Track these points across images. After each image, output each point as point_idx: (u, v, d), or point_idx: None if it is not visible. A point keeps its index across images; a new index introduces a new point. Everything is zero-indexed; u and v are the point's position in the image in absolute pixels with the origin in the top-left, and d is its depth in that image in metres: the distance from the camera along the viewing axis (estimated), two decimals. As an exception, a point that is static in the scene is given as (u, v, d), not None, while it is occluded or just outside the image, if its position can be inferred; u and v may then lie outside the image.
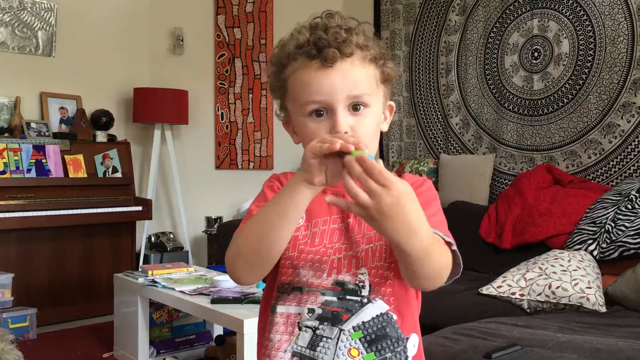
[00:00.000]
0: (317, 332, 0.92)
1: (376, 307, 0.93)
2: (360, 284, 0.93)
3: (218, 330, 3.16)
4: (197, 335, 3.16)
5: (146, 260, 4.34)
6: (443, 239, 0.90)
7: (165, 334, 3.10)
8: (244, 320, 2.16)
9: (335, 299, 0.93)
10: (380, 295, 0.93)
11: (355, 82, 0.91)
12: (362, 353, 0.92)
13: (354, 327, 0.92)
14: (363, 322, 0.92)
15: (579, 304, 2.39)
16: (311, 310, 0.93)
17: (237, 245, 0.91)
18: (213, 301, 2.44)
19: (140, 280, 2.91)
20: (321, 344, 0.92)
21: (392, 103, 1.03)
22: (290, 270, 0.96)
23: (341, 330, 0.92)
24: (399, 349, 0.93)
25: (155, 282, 2.85)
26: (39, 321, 3.52)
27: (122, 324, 3.11)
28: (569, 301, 2.41)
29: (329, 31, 0.91)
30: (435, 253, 0.83)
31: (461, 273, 0.94)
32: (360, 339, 0.92)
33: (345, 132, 0.89)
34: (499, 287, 2.58)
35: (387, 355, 0.92)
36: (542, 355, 1.77)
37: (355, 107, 0.91)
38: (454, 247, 0.91)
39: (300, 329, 0.94)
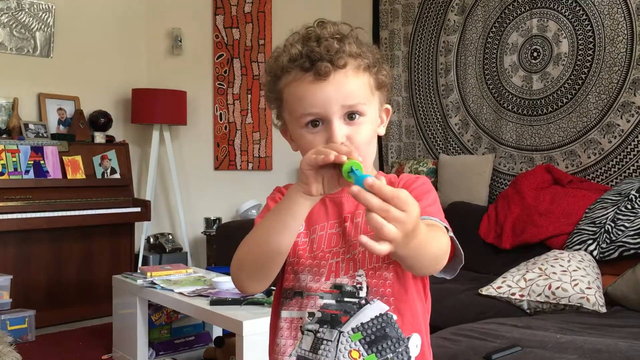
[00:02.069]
0: (318, 335, 0.93)
1: (375, 308, 0.93)
2: (358, 285, 0.94)
3: (217, 332, 3.15)
4: (196, 336, 3.15)
5: (145, 262, 4.34)
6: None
7: (164, 335, 3.09)
8: (243, 322, 2.16)
9: (333, 301, 0.94)
10: (379, 296, 0.93)
11: (349, 92, 0.91)
12: (362, 355, 0.92)
13: (353, 329, 0.92)
14: (362, 324, 0.92)
15: (579, 305, 2.39)
16: (311, 314, 0.94)
17: (240, 256, 0.93)
18: (212, 303, 2.43)
19: (139, 281, 2.90)
20: (322, 346, 0.93)
21: (389, 106, 1.03)
22: (292, 275, 0.98)
23: (340, 332, 0.92)
24: (400, 349, 0.93)
25: (154, 283, 2.84)
26: (38, 323, 3.51)
27: (121, 325, 3.10)
28: (569, 302, 2.40)
29: (322, 43, 0.91)
30: (428, 241, 0.80)
31: (461, 274, 0.94)
32: (360, 341, 0.92)
33: (342, 143, 0.89)
34: (499, 287, 2.58)
35: (389, 356, 0.92)
36: (542, 356, 1.77)
37: (350, 116, 0.92)
38: (451, 234, 0.91)
39: (302, 332, 0.95)
